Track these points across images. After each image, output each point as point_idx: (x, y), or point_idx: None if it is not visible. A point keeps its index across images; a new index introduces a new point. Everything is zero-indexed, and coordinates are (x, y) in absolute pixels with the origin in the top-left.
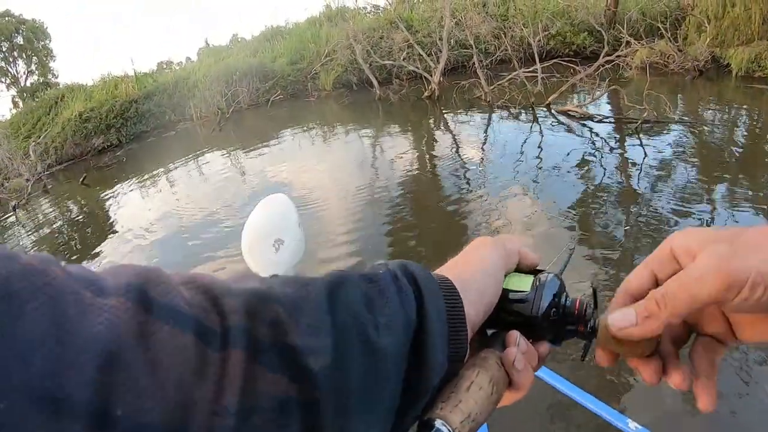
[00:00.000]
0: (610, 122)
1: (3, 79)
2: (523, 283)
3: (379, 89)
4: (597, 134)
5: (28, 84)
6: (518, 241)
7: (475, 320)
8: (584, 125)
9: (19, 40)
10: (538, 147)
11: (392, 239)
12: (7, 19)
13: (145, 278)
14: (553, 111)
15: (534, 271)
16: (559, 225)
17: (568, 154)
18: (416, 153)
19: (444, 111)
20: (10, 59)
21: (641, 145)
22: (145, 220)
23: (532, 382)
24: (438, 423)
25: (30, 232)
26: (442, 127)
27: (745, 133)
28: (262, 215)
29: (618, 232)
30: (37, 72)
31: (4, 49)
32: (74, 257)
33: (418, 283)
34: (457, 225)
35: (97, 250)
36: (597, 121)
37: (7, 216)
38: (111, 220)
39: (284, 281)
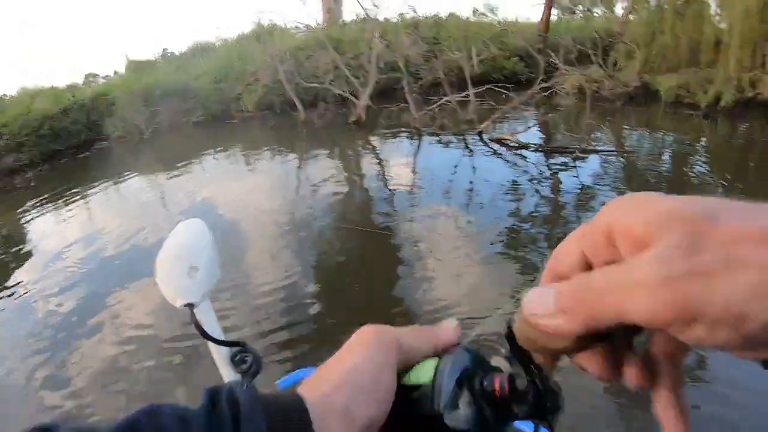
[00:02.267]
0: (544, 151)
1: None
2: (423, 373)
3: (303, 113)
4: (531, 163)
5: None
6: (425, 335)
7: None
8: (517, 154)
9: None
10: (470, 175)
11: (316, 265)
12: None
13: None
14: (485, 139)
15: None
16: (489, 256)
17: (501, 183)
18: (342, 179)
19: (371, 136)
20: None
21: (576, 174)
22: (60, 245)
23: None
24: None
25: None
26: (370, 153)
27: (673, 158)
28: (176, 241)
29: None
30: None
31: None
32: None
33: (239, 415)
34: (384, 252)
35: (13, 277)
36: (532, 150)
37: None
38: (24, 246)
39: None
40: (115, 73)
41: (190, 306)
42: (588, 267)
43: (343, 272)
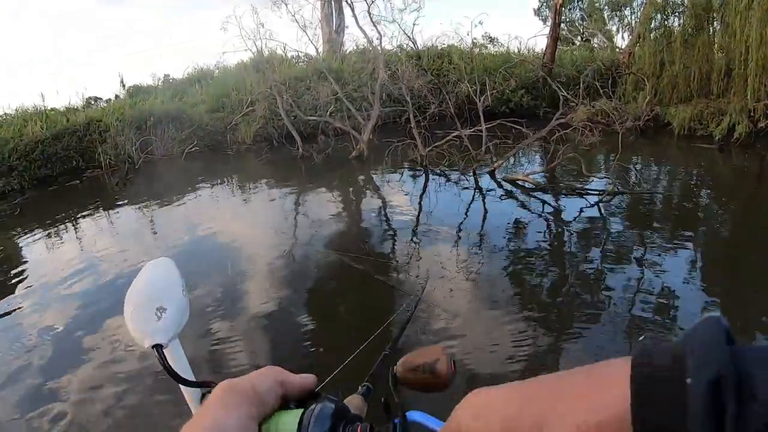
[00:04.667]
0: (562, 193)
1: None
2: (287, 425)
3: (301, 147)
4: (549, 204)
5: None
6: (274, 372)
7: None
8: (533, 195)
9: None
10: (481, 218)
11: (312, 305)
12: None
13: None
14: (498, 178)
15: (309, 398)
16: (497, 306)
17: (516, 227)
18: (341, 217)
19: (373, 172)
20: None
21: (602, 216)
22: (45, 274)
23: None
24: None
25: None
26: (372, 191)
27: (686, 193)
28: (144, 281)
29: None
30: None
31: None
32: None
33: None
34: (384, 294)
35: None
36: (549, 192)
37: None
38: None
39: None
40: (116, 97)
41: (158, 347)
42: None
43: (337, 309)
